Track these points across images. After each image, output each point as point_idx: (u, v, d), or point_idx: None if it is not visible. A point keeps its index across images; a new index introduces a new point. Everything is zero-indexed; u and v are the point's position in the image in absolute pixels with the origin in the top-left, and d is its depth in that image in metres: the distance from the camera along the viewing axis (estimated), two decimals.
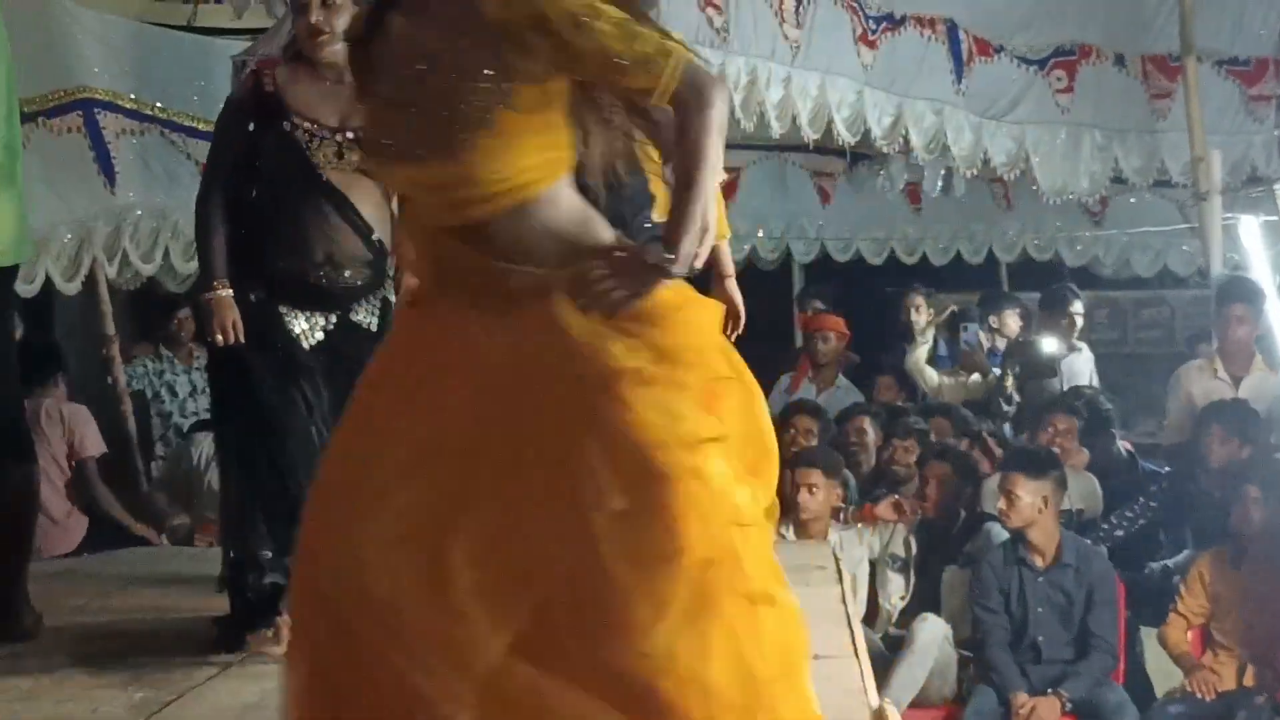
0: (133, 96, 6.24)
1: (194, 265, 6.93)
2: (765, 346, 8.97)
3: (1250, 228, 7.90)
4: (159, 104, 6.32)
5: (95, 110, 6.11)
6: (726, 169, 9.06)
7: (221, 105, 4.07)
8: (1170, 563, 6.21)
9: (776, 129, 6.42)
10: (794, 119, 6.43)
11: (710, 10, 5.99)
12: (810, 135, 6.55)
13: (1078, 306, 7.83)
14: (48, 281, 6.18)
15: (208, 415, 6.72)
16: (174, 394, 7.25)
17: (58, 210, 6.07)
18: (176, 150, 6.44)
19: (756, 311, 3.37)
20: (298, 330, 3.79)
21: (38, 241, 5.80)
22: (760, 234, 9.91)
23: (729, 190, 9.26)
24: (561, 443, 2.22)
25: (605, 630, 2.16)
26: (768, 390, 8.71)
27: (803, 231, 10.08)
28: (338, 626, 2.24)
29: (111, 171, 6.18)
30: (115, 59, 6.21)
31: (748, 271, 9.68)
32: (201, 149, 6.64)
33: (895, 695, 5.09)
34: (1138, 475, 6.90)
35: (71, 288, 6.32)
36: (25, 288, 5.69)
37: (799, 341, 9.05)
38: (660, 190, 2.78)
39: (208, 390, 7.27)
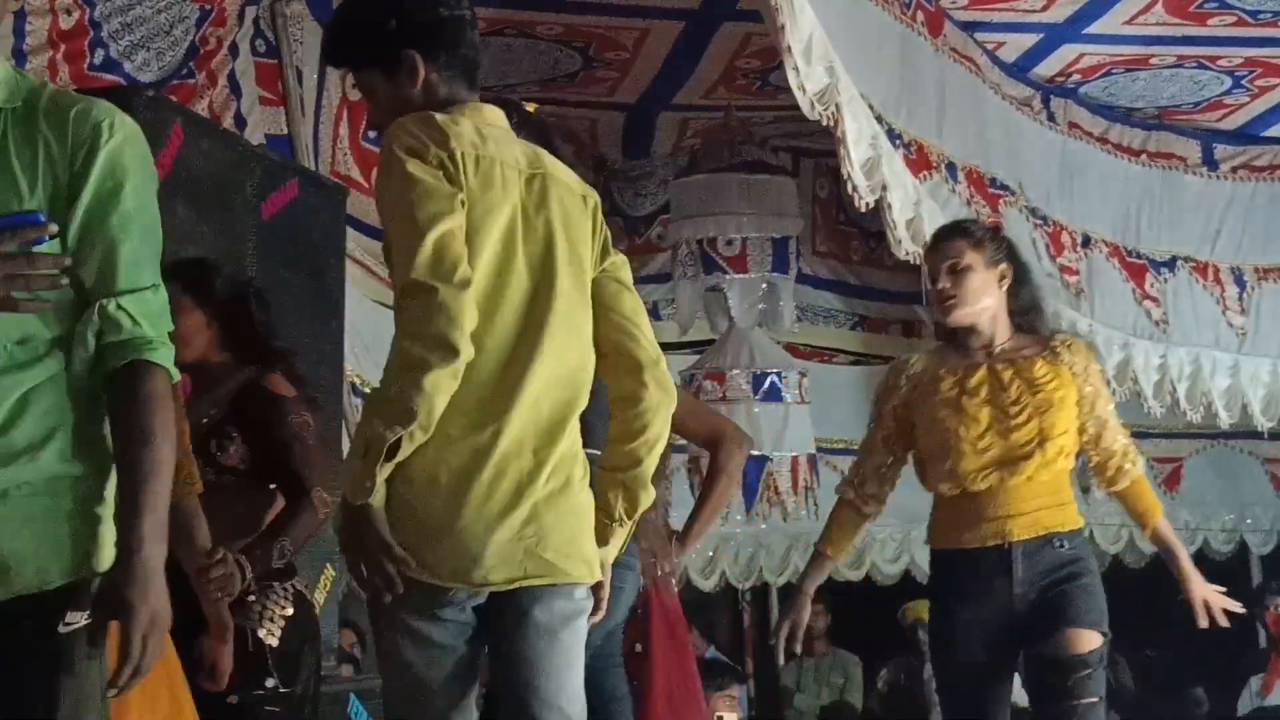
0: None
1: None
2: (1227, 646, 8.43)
3: None
4: None
5: None
6: (1168, 459, 8.85)
7: None
8: None
9: (1225, 418, 6.19)
10: (1244, 407, 6.18)
11: (1148, 303, 5.93)
12: (1264, 424, 6.27)
13: None
14: None
15: None
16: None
17: None
18: None
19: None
20: None
21: None
22: (1211, 525, 9.42)
23: (1172, 481, 8.90)
24: None
25: None
26: (1235, 693, 8.18)
27: (1258, 522, 9.51)
28: None
29: None
30: None
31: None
32: None
33: None
34: None
35: None
36: None
37: (1263, 640, 8.42)
38: None
39: None
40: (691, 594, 7.72)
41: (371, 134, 5.67)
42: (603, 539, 2.48)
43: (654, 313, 6.75)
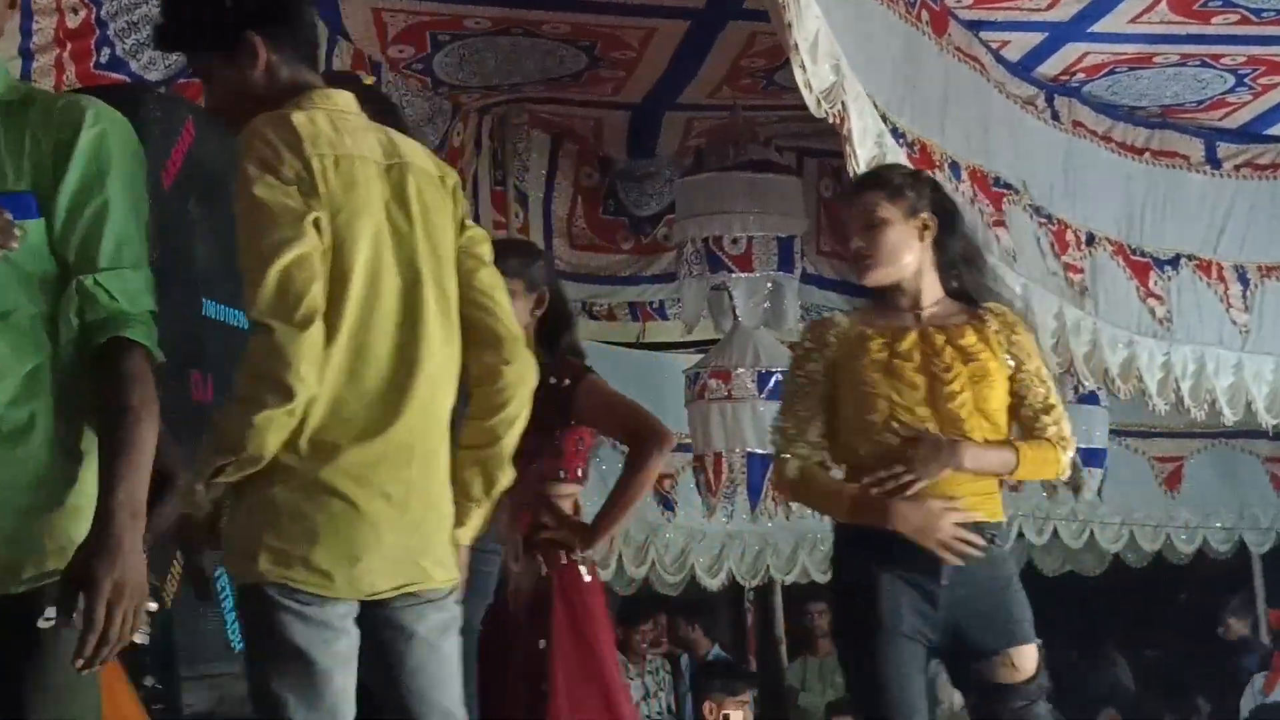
0: None
1: (641, 570, 7.25)
2: (1229, 644, 8.44)
3: None
4: None
5: None
6: (1169, 458, 8.85)
7: (669, 417, 4.27)
8: None
9: (1229, 416, 6.20)
10: (1248, 405, 6.19)
11: (1152, 301, 5.94)
12: (1269, 422, 6.28)
13: None
14: None
15: (659, 717, 6.87)
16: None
17: None
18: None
19: (1217, 606, 3.33)
20: None
21: None
22: (1210, 524, 9.43)
23: (1173, 480, 8.93)
24: None
25: None
26: (1238, 692, 8.19)
27: (1256, 521, 9.53)
28: None
29: None
30: None
31: (1200, 564, 9.21)
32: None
33: None
34: None
35: None
36: None
37: (1265, 637, 8.46)
38: None
39: (658, 693, 7.53)
40: (696, 593, 7.75)
41: None
42: (459, 520, 2.44)
43: (660, 311, 6.77)
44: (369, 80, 3.17)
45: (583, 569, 3.56)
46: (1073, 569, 9.39)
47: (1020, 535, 8.29)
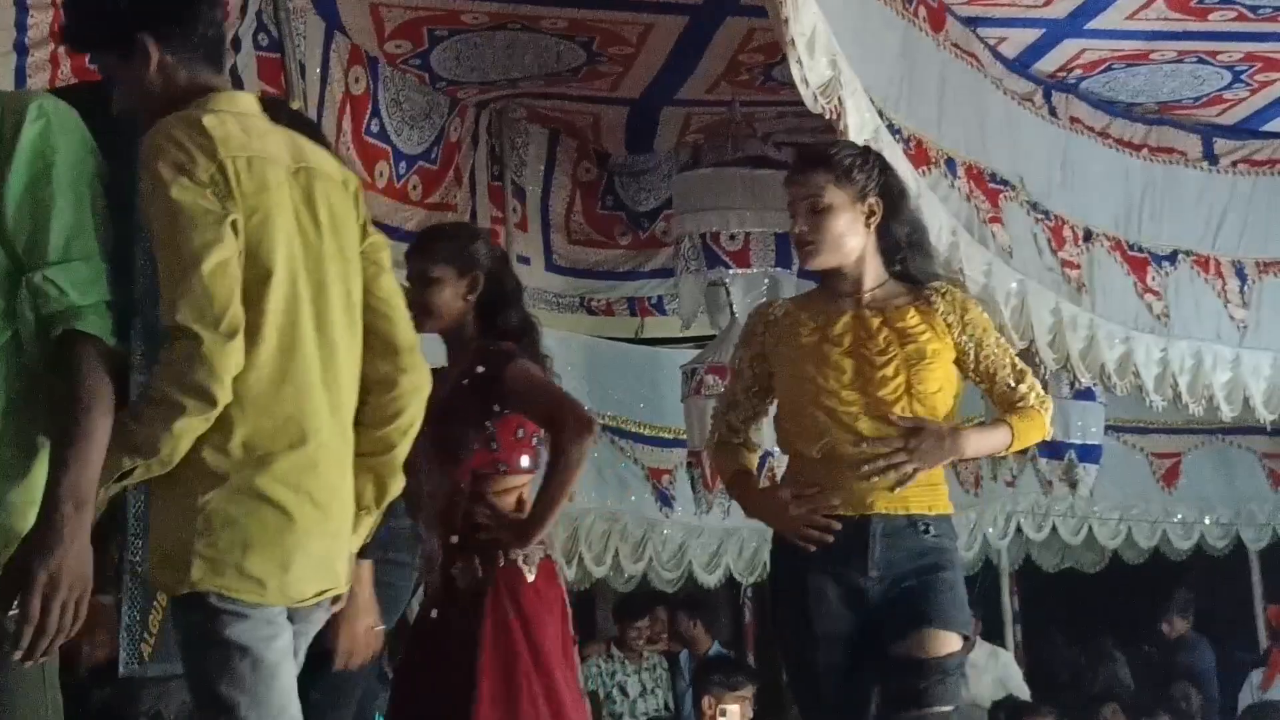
0: (588, 407, 6.62)
1: (639, 567, 7.25)
2: (1226, 640, 8.45)
3: None
4: (610, 413, 6.69)
5: None
6: (1167, 454, 8.84)
7: (666, 412, 4.23)
8: None
9: (1227, 411, 6.21)
10: (1245, 400, 6.20)
11: (1150, 296, 5.95)
12: (1267, 417, 6.28)
13: None
14: None
15: (656, 714, 6.87)
16: (625, 694, 7.43)
17: None
18: (624, 456, 6.80)
19: (1212, 603, 3.23)
20: None
21: None
22: (1207, 520, 9.43)
23: (1170, 476, 8.93)
24: None
25: None
26: (1235, 688, 8.20)
27: (1253, 517, 9.53)
28: None
29: None
30: (571, 373, 6.64)
31: (1198, 560, 9.21)
32: (647, 453, 7.02)
33: None
34: None
35: None
36: None
37: (1262, 634, 8.46)
38: None
39: (655, 690, 7.53)
40: (694, 589, 7.74)
41: (375, 128, 5.68)
42: (353, 528, 2.42)
43: (658, 307, 6.77)
44: (295, 104, 3.14)
45: (525, 568, 3.40)
46: (1071, 565, 9.40)
47: (1019, 531, 8.29)
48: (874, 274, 3.21)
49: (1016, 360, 3.24)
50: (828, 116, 4.15)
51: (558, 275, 6.78)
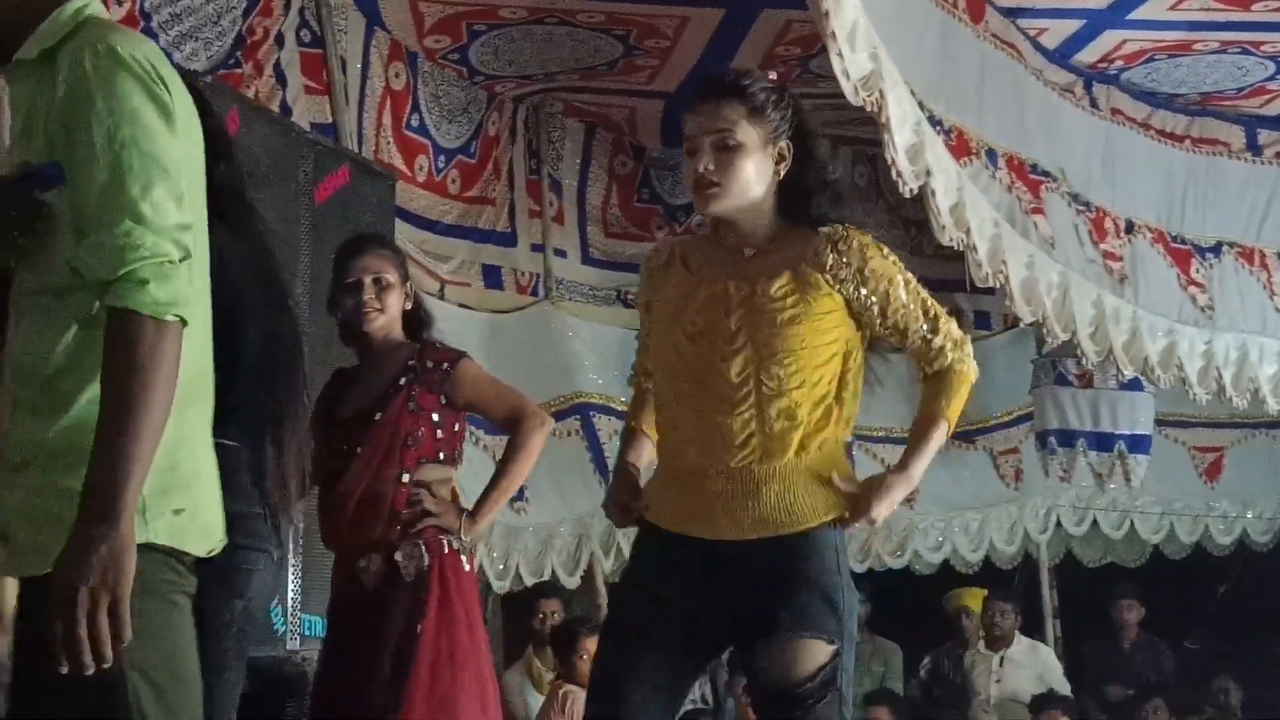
0: (623, 400, 6.64)
1: None
2: (1275, 639, 8.37)
3: None
4: None
5: (591, 414, 6.53)
6: (1210, 448, 8.79)
7: None
8: None
9: (1273, 404, 6.15)
10: None
11: (1193, 288, 5.90)
12: None
13: None
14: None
15: (695, 707, 6.86)
16: None
17: (559, 509, 6.44)
18: None
19: (1255, 599, 3.14)
20: None
21: (544, 539, 6.26)
22: (1250, 515, 9.35)
23: (1213, 470, 8.86)
24: None
25: None
26: (1275, 683, 8.11)
27: None
28: None
29: (605, 470, 6.52)
30: (607, 365, 6.65)
31: (1240, 554, 9.14)
32: None
33: None
34: None
35: (572, 581, 6.64)
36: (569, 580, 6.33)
37: None
38: None
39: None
40: None
41: (415, 123, 5.70)
42: None
43: None
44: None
45: (463, 558, 3.48)
46: (1113, 560, 9.34)
47: (1059, 525, 8.25)
48: (767, 226, 2.72)
49: (930, 304, 2.75)
50: (868, 109, 4.15)
51: (594, 268, 6.79)
